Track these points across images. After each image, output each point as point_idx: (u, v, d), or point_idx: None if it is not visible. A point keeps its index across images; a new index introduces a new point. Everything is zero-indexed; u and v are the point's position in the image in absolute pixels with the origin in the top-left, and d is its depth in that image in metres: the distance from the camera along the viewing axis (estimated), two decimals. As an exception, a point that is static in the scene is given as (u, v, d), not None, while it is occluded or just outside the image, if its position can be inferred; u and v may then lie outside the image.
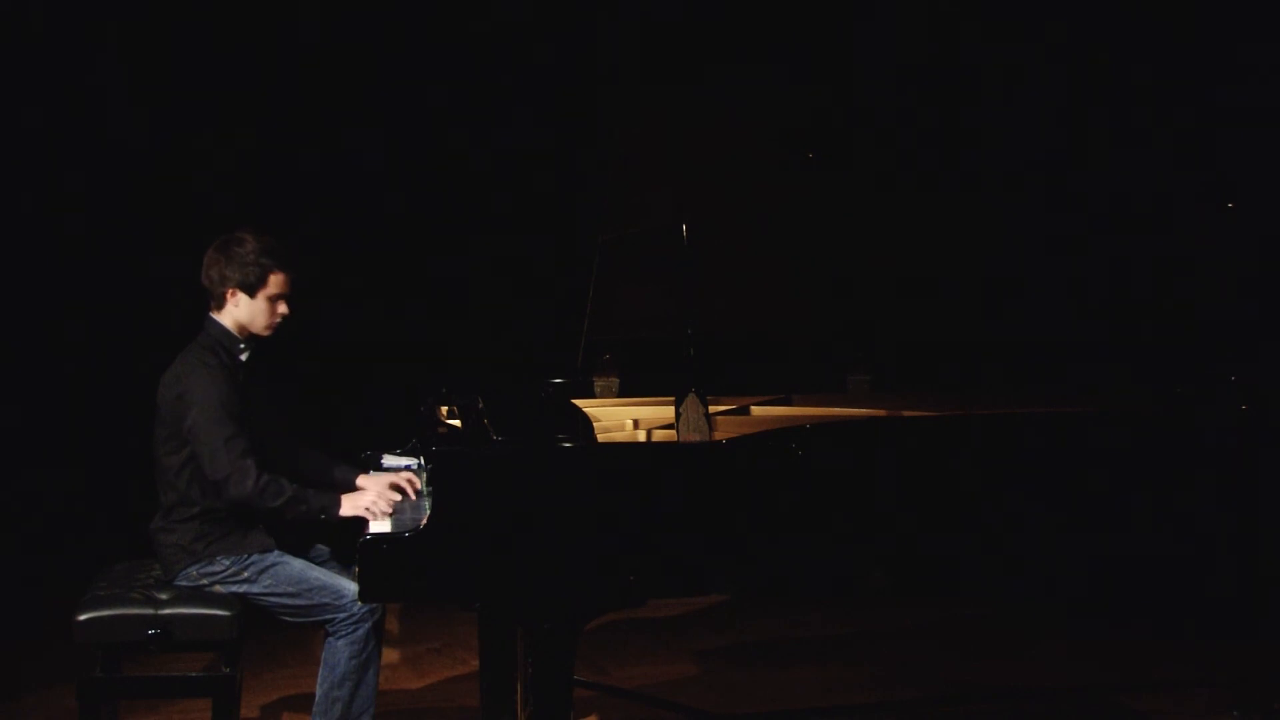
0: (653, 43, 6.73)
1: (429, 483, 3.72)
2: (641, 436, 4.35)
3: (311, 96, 6.75)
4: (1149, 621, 5.81)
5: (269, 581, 3.99)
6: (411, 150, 6.90)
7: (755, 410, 4.55)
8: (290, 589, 3.99)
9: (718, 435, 3.83)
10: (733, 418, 4.43)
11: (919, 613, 6.04)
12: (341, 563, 4.15)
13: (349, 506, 3.93)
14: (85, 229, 6.56)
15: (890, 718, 4.97)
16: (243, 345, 4.07)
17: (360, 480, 4.12)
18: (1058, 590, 5.95)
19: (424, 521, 3.52)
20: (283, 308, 4.07)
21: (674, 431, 3.88)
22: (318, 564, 4.10)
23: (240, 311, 4.03)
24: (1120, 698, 5.07)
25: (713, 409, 3.96)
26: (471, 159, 6.93)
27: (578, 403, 4.39)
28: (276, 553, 4.03)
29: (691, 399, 3.77)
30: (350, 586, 3.91)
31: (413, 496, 4.02)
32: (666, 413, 4.40)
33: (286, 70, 6.70)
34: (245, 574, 3.99)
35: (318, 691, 3.99)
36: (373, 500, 3.94)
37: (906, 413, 4.34)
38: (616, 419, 4.48)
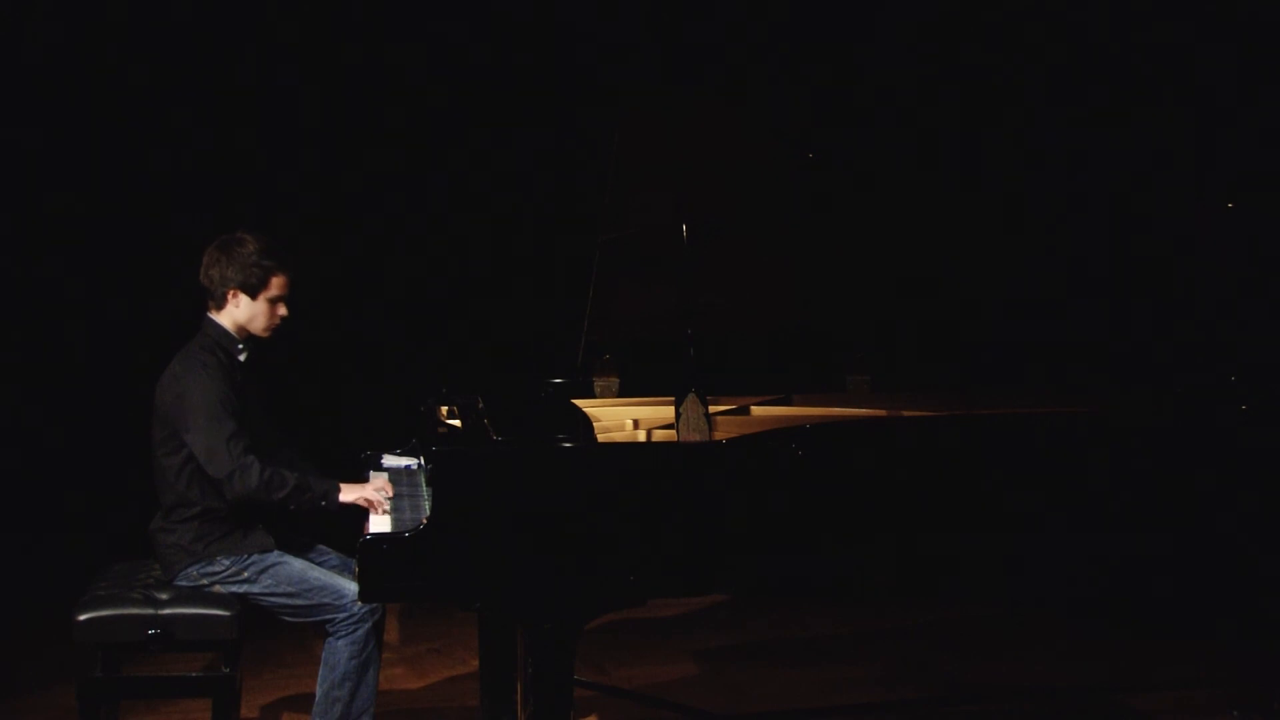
0: (653, 42, 6.74)
1: (429, 483, 3.72)
2: (641, 436, 4.35)
3: (312, 94, 6.75)
4: (1149, 621, 5.80)
5: (269, 581, 3.99)
6: (411, 149, 6.90)
7: (755, 410, 4.54)
8: (290, 589, 3.99)
9: (718, 435, 3.83)
10: (733, 418, 4.43)
11: (919, 613, 6.04)
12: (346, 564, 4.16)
13: (349, 493, 3.94)
14: (84, 228, 6.56)
15: (890, 718, 4.97)
16: (241, 346, 4.07)
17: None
18: (1058, 590, 5.95)
19: (424, 521, 3.52)
20: (282, 310, 4.08)
21: (674, 431, 3.88)
22: (321, 565, 4.11)
23: (240, 313, 4.04)
24: (1120, 698, 5.07)
25: (713, 409, 3.96)
26: (471, 158, 6.93)
27: (578, 403, 4.39)
28: (276, 553, 4.04)
29: (691, 399, 3.77)
30: (350, 586, 3.91)
31: (383, 503, 3.98)
32: (666, 413, 4.39)
33: (286, 68, 6.70)
34: (245, 574, 3.99)
35: (318, 691, 3.99)
36: (373, 492, 3.94)
37: (906, 413, 4.34)
38: (616, 419, 4.48)
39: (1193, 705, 4.93)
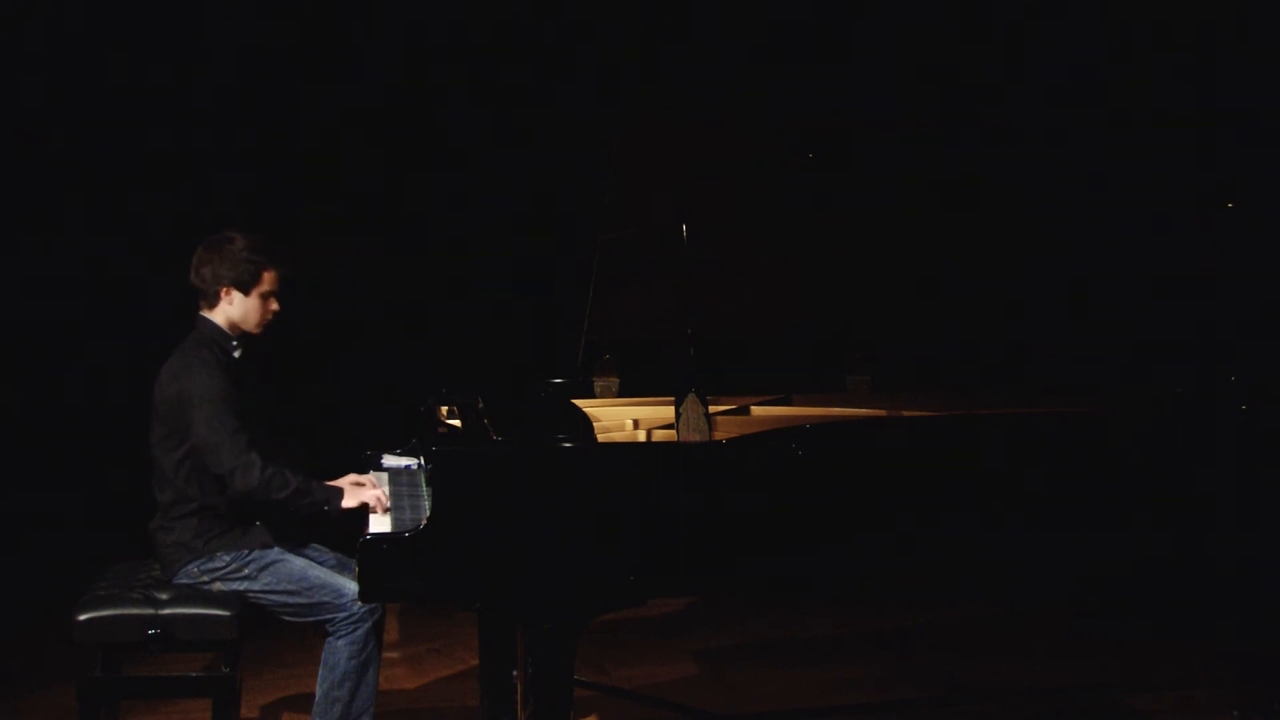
0: (653, 43, 6.74)
1: (429, 483, 3.72)
2: (641, 436, 4.35)
3: (308, 91, 6.75)
4: (1149, 621, 5.81)
5: (269, 579, 3.99)
6: (411, 147, 6.90)
7: (755, 410, 4.54)
8: (290, 587, 3.99)
9: (718, 435, 3.83)
10: (733, 418, 4.43)
11: (919, 613, 6.04)
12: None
13: (351, 498, 3.95)
14: (82, 227, 6.56)
15: (890, 718, 4.97)
16: (235, 343, 4.08)
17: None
18: (1058, 590, 5.95)
19: (424, 521, 3.52)
20: (274, 305, 4.11)
21: (674, 431, 3.88)
22: (317, 564, 4.11)
23: (234, 309, 4.05)
24: (1120, 698, 5.07)
25: (713, 409, 3.95)
26: (472, 157, 6.93)
27: (578, 403, 4.39)
28: (277, 550, 4.04)
29: (691, 399, 3.77)
30: (350, 586, 3.91)
31: (384, 503, 3.99)
32: (666, 413, 4.39)
33: (283, 67, 6.69)
34: (246, 570, 3.99)
35: (318, 691, 3.99)
36: (371, 493, 3.95)
37: (906, 413, 4.34)
38: (616, 419, 4.48)
39: (1193, 705, 4.93)
